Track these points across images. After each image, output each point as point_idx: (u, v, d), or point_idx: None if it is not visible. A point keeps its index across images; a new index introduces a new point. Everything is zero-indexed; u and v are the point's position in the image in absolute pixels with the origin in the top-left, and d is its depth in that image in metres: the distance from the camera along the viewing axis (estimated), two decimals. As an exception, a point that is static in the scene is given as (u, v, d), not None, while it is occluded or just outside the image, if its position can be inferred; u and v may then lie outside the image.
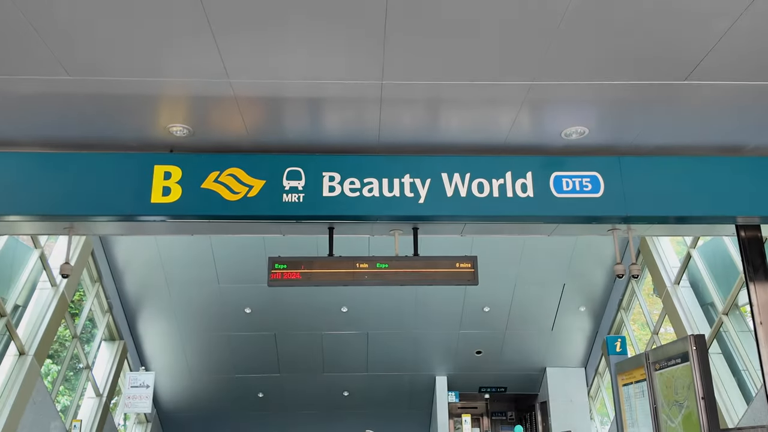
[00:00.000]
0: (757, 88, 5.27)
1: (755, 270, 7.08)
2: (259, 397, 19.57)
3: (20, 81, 5.07)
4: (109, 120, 5.75)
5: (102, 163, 6.13)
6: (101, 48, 4.67)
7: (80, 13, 4.28)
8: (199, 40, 4.57)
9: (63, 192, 6.02)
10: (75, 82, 5.08)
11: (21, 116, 5.66)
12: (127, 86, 5.17)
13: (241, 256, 14.19)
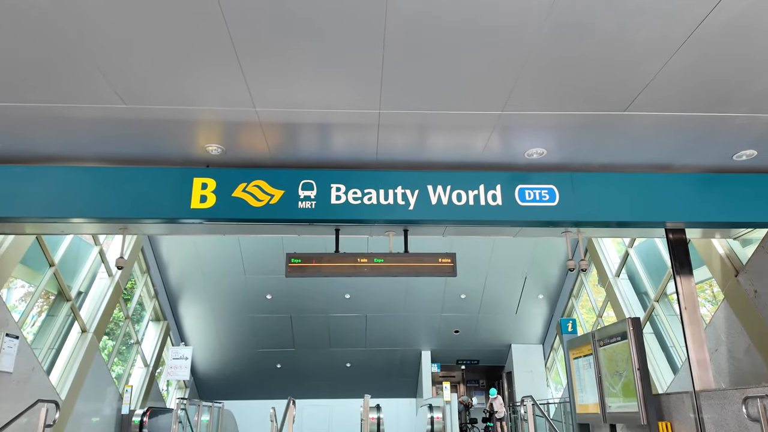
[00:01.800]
0: (683, 118, 5.29)
1: (681, 266, 7.09)
2: (277, 368, 19.52)
3: (85, 108, 5.06)
4: (157, 141, 5.74)
5: (150, 175, 6.12)
6: (151, 83, 4.68)
7: (134, 58, 4.29)
8: (231, 77, 4.58)
9: (119, 199, 6.01)
10: (129, 110, 5.08)
11: (86, 137, 5.65)
12: (171, 114, 5.17)
13: (264, 252, 14.19)
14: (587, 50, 4.32)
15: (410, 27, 4.02)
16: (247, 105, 5.03)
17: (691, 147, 5.89)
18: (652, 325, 11.56)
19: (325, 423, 19.55)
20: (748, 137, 5.64)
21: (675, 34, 4.13)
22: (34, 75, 4.54)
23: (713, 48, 4.26)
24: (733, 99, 4.96)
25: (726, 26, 4.02)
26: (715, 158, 6.12)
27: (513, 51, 4.30)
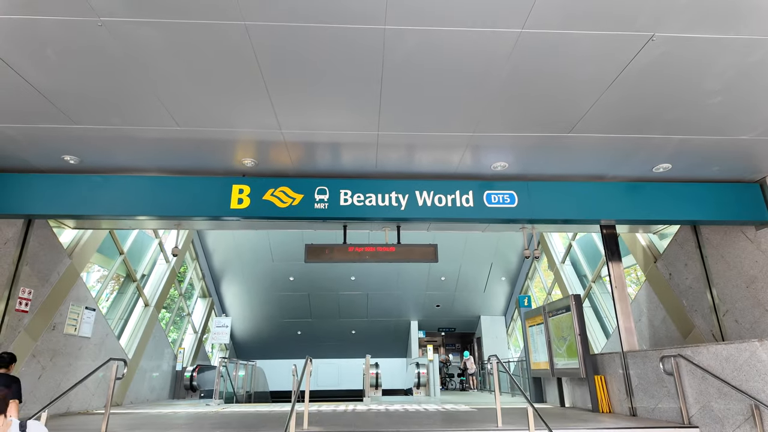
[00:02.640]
0: (613, 139, 5.30)
1: (612, 254, 7.11)
2: (298, 334, 19.46)
3: (147, 130, 5.06)
4: (203, 155, 5.72)
5: (198, 183, 6.11)
6: (199, 109, 4.68)
7: (186, 90, 4.29)
8: (262, 107, 4.59)
9: (174, 201, 6.00)
10: (182, 131, 5.07)
11: (148, 152, 5.64)
12: (215, 134, 5.17)
13: (287, 243, 14.14)
14: (539, 88, 4.35)
15: (401, 70, 4.04)
16: (275, 128, 5.03)
17: (620, 161, 5.90)
18: (590, 301, 11.57)
19: (335, 377, 19.53)
20: (664, 154, 5.65)
21: (606, 76, 4.16)
22: (110, 104, 4.55)
23: (635, 86, 4.29)
24: (651, 125, 4.98)
25: (643, 71, 4.06)
26: (639, 170, 6.12)
27: (481, 88, 4.32)
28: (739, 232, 6.57)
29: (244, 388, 13.08)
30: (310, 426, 5.18)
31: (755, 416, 4.18)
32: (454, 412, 7.01)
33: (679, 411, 5.18)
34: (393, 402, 9.82)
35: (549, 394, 8.65)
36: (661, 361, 5.42)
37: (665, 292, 8.15)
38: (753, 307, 6.34)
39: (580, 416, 6.16)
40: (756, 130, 5.05)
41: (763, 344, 4.25)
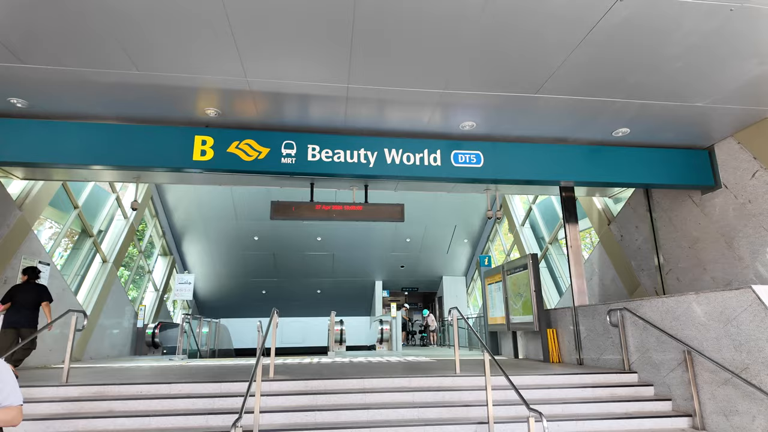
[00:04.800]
0: (576, 101, 5.42)
1: (569, 216, 7.41)
2: (263, 293, 19.50)
3: (104, 73, 4.76)
4: (164, 103, 5.45)
5: (159, 132, 5.85)
6: (160, 53, 4.43)
7: (146, 29, 4.04)
8: (228, 53, 4.39)
9: (132, 151, 5.74)
10: (141, 76, 4.80)
11: (104, 98, 5.31)
12: (178, 80, 4.92)
13: (252, 201, 13.90)
14: (508, 46, 4.35)
15: (373, 19, 3.94)
16: (240, 76, 4.84)
17: (582, 124, 6.05)
18: (546, 261, 12.10)
19: (301, 335, 19.83)
20: (624, 118, 5.84)
21: (574, 36, 4.20)
22: (63, 43, 4.22)
23: (602, 48, 4.37)
24: (614, 88, 5.12)
25: (610, 32, 4.13)
26: (599, 134, 6.32)
27: (452, 43, 4.28)
28: (687, 196, 6.97)
29: (208, 345, 13.12)
30: (276, 375, 5.30)
31: (687, 361, 4.59)
32: (415, 363, 7.32)
33: (621, 359, 5.62)
34: (357, 355, 10.12)
35: (504, 347, 9.13)
36: (608, 315, 5.82)
37: (616, 252, 8.62)
38: (694, 267, 6.83)
39: (532, 365, 6.57)
40: (710, 97, 5.28)
41: (699, 297, 4.62)
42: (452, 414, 4.54)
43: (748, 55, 4.50)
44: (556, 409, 4.68)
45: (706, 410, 4.43)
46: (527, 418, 3.35)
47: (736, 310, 4.22)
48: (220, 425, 4.18)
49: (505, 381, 4.10)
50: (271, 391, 4.76)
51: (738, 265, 6.12)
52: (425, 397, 4.83)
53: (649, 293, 7.68)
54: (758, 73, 4.83)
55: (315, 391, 4.79)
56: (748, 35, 4.21)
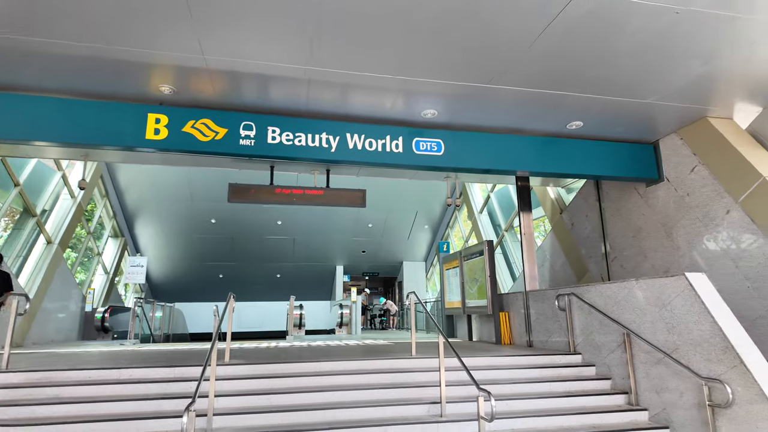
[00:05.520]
0: (536, 93, 5.57)
1: (524, 205, 7.67)
2: (220, 278, 19.12)
3: (51, 44, 4.46)
4: (116, 78, 5.17)
5: (110, 109, 5.57)
6: (111, 26, 4.19)
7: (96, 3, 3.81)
8: (184, 27, 4.21)
9: (81, 127, 5.45)
10: (91, 48, 4.54)
11: (51, 70, 4.98)
12: (129, 55, 4.68)
13: (209, 183, 13.51)
14: (469, 36, 4.39)
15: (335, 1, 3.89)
16: (197, 53, 4.66)
17: (538, 116, 6.24)
18: (501, 248, 12.50)
19: (259, 319, 19.63)
20: (578, 111, 6.07)
21: (534, 28, 4.30)
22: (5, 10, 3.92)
23: (560, 41, 4.50)
24: (570, 82, 5.30)
25: (568, 26, 4.25)
26: (554, 126, 6.54)
27: (414, 30, 4.29)
28: (633, 188, 7.36)
29: (162, 330, 12.76)
30: (232, 359, 5.26)
31: (626, 342, 4.91)
32: (373, 346, 7.44)
33: (567, 342, 5.93)
34: (316, 339, 10.15)
35: (459, 329, 9.41)
36: (556, 299, 6.10)
37: (567, 240, 9.02)
38: (636, 254, 7.26)
39: (484, 347, 6.83)
40: (658, 94, 5.57)
41: (639, 283, 4.93)
42: (407, 394, 4.67)
43: (692, 56, 4.77)
44: (505, 388, 4.91)
45: (641, 388, 4.78)
46: (477, 398, 3.51)
47: (670, 295, 4.54)
48: (174, 410, 4.11)
49: (458, 362, 4.26)
50: (227, 375, 4.72)
51: (675, 254, 6.55)
52: (381, 378, 4.94)
53: (595, 279, 8.10)
54: (700, 74, 5.13)
55: (271, 375, 4.80)
56: (691, 37, 4.45)
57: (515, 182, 7.61)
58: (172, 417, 3.93)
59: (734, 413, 3.82)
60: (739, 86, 5.44)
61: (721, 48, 4.64)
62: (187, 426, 2.97)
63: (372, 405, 4.38)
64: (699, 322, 4.23)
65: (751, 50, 4.69)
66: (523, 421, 4.34)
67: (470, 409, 4.36)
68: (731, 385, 3.86)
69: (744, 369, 3.80)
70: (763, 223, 5.35)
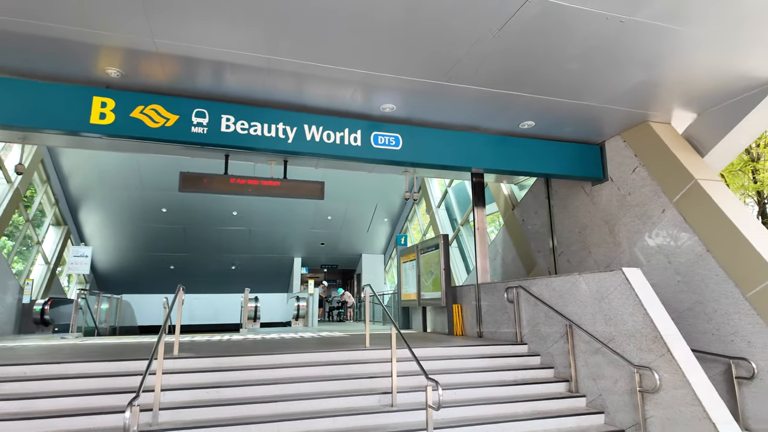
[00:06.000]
0: (491, 93, 5.71)
1: (478, 200, 7.88)
2: (171, 269, 18.50)
3: (-23, 15, 4.13)
4: (58, 58, 4.85)
5: (51, 90, 5.24)
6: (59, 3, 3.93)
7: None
8: (133, 8, 4.02)
9: (19, 108, 5.10)
10: (31, 25, 4.25)
11: (-22, 44, 4.63)
12: (73, 34, 4.41)
13: (160, 170, 13.00)
14: (428, 33, 4.44)
15: (294, -12, 3.83)
16: (146, 36, 4.46)
17: (493, 115, 6.39)
18: (457, 242, 12.79)
19: (212, 312, 19.16)
20: (529, 112, 6.28)
21: (488, 30, 4.40)
22: None
23: (514, 43, 4.63)
24: (522, 82, 5.47)
25: (523, 28, 4.38)
26: (507, 125, 6.73)
27: (373, 23, 4.29)
28: (580, 186, 7.71)
29: (108, 323, 12.24)
30: (181, 353, 5.13)
31: (568, 333, 5.18)
32: (328, 338, 7.45)
33: (515, 332, 6.18)
34: (270, 332, 10.04)
35: (414, 321, 9.59)
36: (505, 292, 6.34)
37: (518, 235, 9.34)
38: (581, 250, 7.63)
39: (437, 338, 7.00)
40: (604, 97, 5.84)
41: (581, 277, 5.20)
42: (359, 386, 4.73)
43: (635, 63, 5.04)
44: (455, 378, 5.07)
45: (580, 376, 5.06)
46: (425, 387, 3.61)
47: (609, 289, 4.82)
48: (117, 405, 3.98)
49: (410, 353, 4.35)
50: (175, 369, 4.60)
51: (617, 250, 6.94)
52: (334, 370, 4.97)
53: (543, 273, 8.45)
54: (642, 80, 5.43)
55: (222, 368, 4.72)
56: (635, 45, 4.70)
57: (471, 178, 7.78)
58: (115, 413, 3.81)
59: (660, 398, 4.12)
60: (677, 94, 5.80)
61: (662, 57, 4.93)
62: (130, 421, 2.89)
63: (324, 396, 4.41)
64: (633, 314, 4.52)
65: (687, 61, 5.01)
66: (470, 409, 4.50)
67: (420, 398, 4.48)
68: (659, 372, 4.16)
69: (670, 357, 4.10)
70: (693, 222, 5.76)
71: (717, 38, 4.60)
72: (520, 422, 4.37)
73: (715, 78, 5.39)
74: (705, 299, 5.50)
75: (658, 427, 4.11)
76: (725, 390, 5.08)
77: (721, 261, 5.37)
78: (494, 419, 4.34)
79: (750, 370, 4.91)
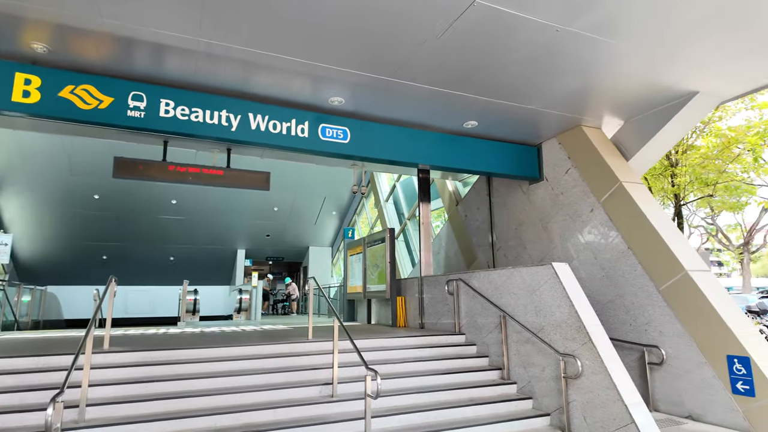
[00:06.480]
0: (437, 92, 5.84)
1: (424, 196, 8.06)
2: (103, 259, 17.44)
3: None
4: (-29, 27, 4.45)
5: (-37, 61, 4.78)
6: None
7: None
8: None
9: None
10: (-65, -14, 3.85)
11: None
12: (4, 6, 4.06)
13: (92, 154, 12.15)
14: (372, 27, 4.46)
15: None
16: (77, 10, 4.17)
17: (439, 113, 6.55)
18: (404, 236, 13.01)
19: (149, 305, 18.29)
20: (472, 112, 6.49)
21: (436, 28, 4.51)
22: None
23: (456, 46, 4.77)
24: (466, 83, 5.65)
25: (468, 30, 4.53)
26: (452, 124, 6.92)
27: (321, 15, 4.27)
28: (518, 185, 8.09)
29: (30, 316, 11.37)
30: (112, 346, 4.90)
31: (502, 324, 5.47)
32: (271, 331, 7.37)
33: (454, 323, 6.42)
34: (210, 325, 9.77)
35: (359, 313, 9.69)
36: (446, 284, 6.56)
37: (461, 230, 9.67)
38: (517, 245, 8.03)
39: (381, 330, 7.13)
40: (542, 101, 6.16)
41: (515, 271, 5.50)
42: (301, 377, 4.75)
43: (570, 70, 5.35)
44: (395, 367, 5.20)
45: (512, 364, 5.36)
46: (365, 377, 3.69)
47: (539, 282, 5.13)
48: (39, 402, 3.75)
49: (352, 345, 4.42)
50: (105, 363, 4.40)
51: (550, 246, 7.37)
52: (276, 363, 4.95)
53: (482, 266, 8.81)
54: (577, 87, 5.78)
55: (157, 362, 4.57)
56: (570, 54, 4.99)
57: (417, 174, 7.94)
58: (37, 410, 3.59)
59: (581, 383, 4.47)
60: (607, 101, 6.23)
61: (595, 67, 5.27)
62: (53, 418, 2.75)
63: (264, 389, 4.39)
64: (560, 305, 4.85)
65: (617, 72, 5.39)
66: (408, 398, 4.65)
67: (361, 388, 4.56)
68: (581, 360, 4.50)
69: (592, 345, 4.45)
70: (617, 221, 6.24)
71: (644, 53, 4.98)
72: (454, 409, 4.57)
73: (641, 89, 5.84)
74: (625, 292, 5.98)
75: (578, 410, 4.46)
76: (639, 375, 5.58)
77: (640, 257, 5.86)
78: (430, 407, 4.52)
79: (660, 356, 5.42)
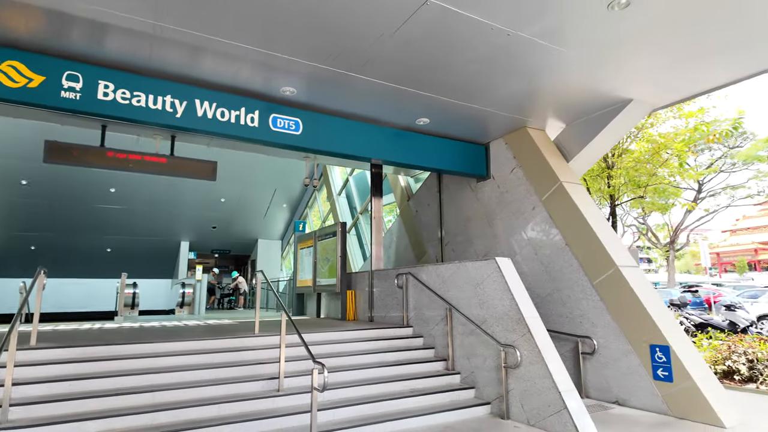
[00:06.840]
0: (390, 87, 5.86)
1: (376, 190, 8.11)
2: (31, 249, 16.21)
3: None
4: None
5: None
6: None
7: None
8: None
9: None
10: None
11: None
12: None
13: (21, 136, 11.22)
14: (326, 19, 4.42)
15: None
16: (4, -21, 3.84)
17: (391, 109, 6.59)
18: (356, 230, 13.02)
19: (84, 298, 17.17)
20: (425, 109, 6.58)
21: (390, 24, 4.53)
22: None
23: (409, 44, 4.82)
24: (417, 81, 5.72)
25: (422, 29, 4.58)
26: (405, 120, 6.99)
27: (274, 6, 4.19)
28: (467, 182, 8.32)
29: (-56, 311, 10.37)
30: (40, 343, 4.58)
31: (448, 316, 5.63)
32: (215, 326, 7.17)
33: (402, 316, 6.53)
34: (150, 320, 9.35)
35: (309, 307, 9.62)
36: (396, 278, 6.66)
37: (411, 225, 9.81)
38: (465, 241, 8.27)
39: (330, 324, 7.12)
40: (490, 102, 6.36)
41: (461, 265, 5.67)
42: (247, 372, 4.67)
43: (519, 73, 5.56)
44: (343, 360, 5.23)
45: (457, 355, 5.54)
46: (311, 371, 3.69)
47: (483, 276, 5.32)
48: (-47, 405, 3.46)
49: (299, 338, 4.39)
50: (32, 361, 4.12)
51: (495, 241, 7.64)
52: (220, 358, 4.83)
53: (432, 261, 9.01)
54: (524, 90, 6.01)
55: (90, 358, 4.33)
56: (519, 58, 5.18)
57: (370, 169, 7.97)
58: (-49, 413, 3.31)
59: (520, 372, 4.70)
60: (551, 105, 6.53)
61: (541, 71, 5.50)
62: (-30, 420, 2.55)
63: (208, 384, 4.28)
64: (502, 298, 5.06)
65: (561, 77, 5.65)
66: (354, 390, 4.70)
67: (308, 382, 4.56)
68: (521, 350, 4.73)
69: (530, 336, 4.68)
70: (557, 218, 6.57)
71: (587, 60, 5.26)
72: (400, 399, 4.67)
73: (582, 94, 6.16)
74: (562, 286, 6.33)
75: (517, 398, 4.69)
76: (573, 364, 5.93)
77: (576, 253, 6.21)
78: (376, 398, 4.59)
79: (592, 346, 5.79)
